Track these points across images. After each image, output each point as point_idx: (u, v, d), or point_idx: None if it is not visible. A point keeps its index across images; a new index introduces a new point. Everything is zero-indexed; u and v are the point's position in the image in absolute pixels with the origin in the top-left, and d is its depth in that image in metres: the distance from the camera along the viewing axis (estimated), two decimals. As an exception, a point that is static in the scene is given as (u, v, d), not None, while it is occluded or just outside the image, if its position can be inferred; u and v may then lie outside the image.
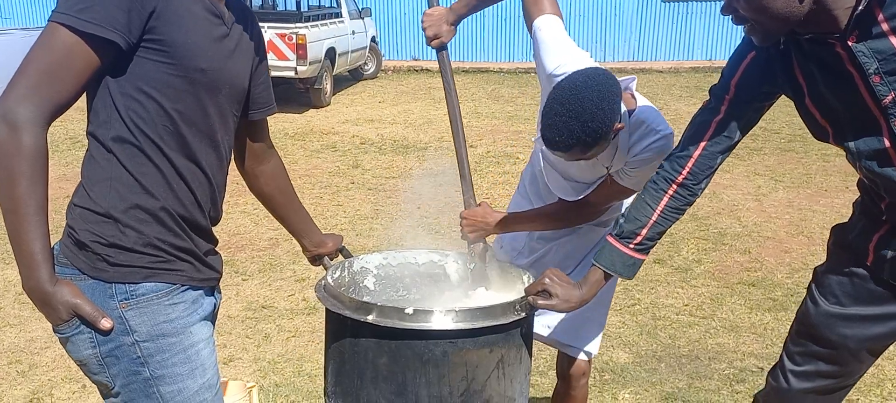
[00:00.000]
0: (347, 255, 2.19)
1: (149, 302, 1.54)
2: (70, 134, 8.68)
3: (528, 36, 2.26)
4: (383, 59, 14.45)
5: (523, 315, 1.86)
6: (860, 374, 1.92)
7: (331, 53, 10.70)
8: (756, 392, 2.10)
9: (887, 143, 1.61)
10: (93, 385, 3.01)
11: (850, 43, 1.56)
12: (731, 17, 1.59)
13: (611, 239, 1.87)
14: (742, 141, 1.85)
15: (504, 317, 1.83)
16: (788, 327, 2.01)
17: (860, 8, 1.52)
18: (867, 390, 3.29)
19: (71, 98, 1.42)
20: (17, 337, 3.77)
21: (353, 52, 11.97)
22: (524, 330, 1.93)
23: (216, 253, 1.71)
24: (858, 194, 1.86)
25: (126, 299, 1.52)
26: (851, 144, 1.66)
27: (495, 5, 14.16)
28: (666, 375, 3.42)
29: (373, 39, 13.36)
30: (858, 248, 1.81)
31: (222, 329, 3.82)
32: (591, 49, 14.48)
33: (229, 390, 2.53)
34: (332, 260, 2.15)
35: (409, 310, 1.77)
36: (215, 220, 1.70)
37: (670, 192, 1.82)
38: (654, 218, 1.83)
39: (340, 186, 6.54)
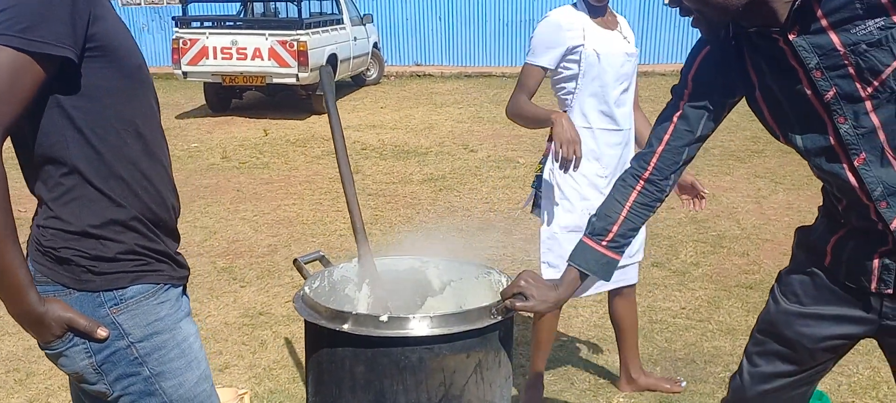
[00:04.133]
0: (327, 264, 2.20)
1: (138, 303, 1.55)
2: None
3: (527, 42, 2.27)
4: (386, 64, 14.48)
5: (500, 318, 1.86)
6: (819, 376, 1.91)
7: (332, 60, 10.74)
8: (721, 399, 2.09)
9: (832, 140, 1.62)
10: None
11: (791, 37, 1.58)
12: (678, 9, 1.63)
13: (585, 239, 1.88)
14: (744, 143, 1.88)
15: (480, 322, 1.84)
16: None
17: (797, 2, 1.54)
18: (863, 392, 3.27)
19: (19, 119, 1.39)
20: (15, 346, 3.79)
21: (354, 58, 12.00)
22: (502, 334, 1.93)
23: (180, 252, 1.72)
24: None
25: (116, 304, 1.54)
26: (798, 140, 1.68)
27: (495, 9, 14.00)
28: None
29: (375, 45, 13.39)
30: (818, 249, 1.81)
31: (218, 336, 3.84)
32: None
33: (221, 397, 2.53)
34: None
35: (384, 318, 1.77)
36: (178, 214, 1.71)
37: (638, 188, 1.85)
38: (623, 215, 1.85)
39: (341, 192, 6.51)
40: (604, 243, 1.85)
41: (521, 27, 15.36)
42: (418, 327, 1.79)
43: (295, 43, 9.76)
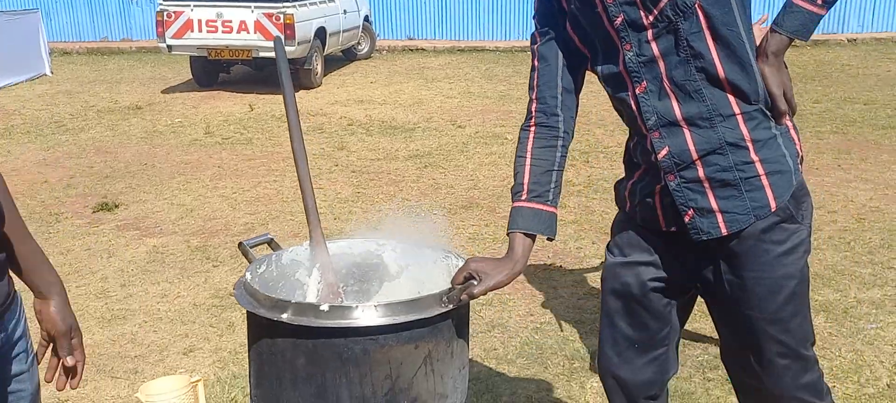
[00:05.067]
0: (276, 247, 2.09)
1: None
2: (55, 117, 8.60)
3: (524, 14, 2.29)
4: (377, 38, 14.28)
5: (451, 306, 1.76)
6: (662, 332, 1.92)
7: (321, 33, 10.56)
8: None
9: (621, 67, 1.72)
10: (67, 396, 2.93)
11: None
12: None
13: (513, 204, 1.87)
14: None
15: (429, 310, 1.73)
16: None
17: None
18: (845, 376, 3.18)
19: None
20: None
21: (345, 31, 11.82)
22: (456, 322, 1.82)
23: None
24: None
25: None
26: (599, 69, 1.78)
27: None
28: (637, 362, 3.32)
29: (366, 19, 13.19)
30: (620, 197, 1.92)
31: (186, 317, 3.74)
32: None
33: (171, 384, 2.44)
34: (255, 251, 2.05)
35: (325, 307, 1.67)
36: None
37: (531, 135, 1.87)
38: (527, 164, 1.85)
39: (323, 169, 6.43)
40: (524, 197, 1.84)
41: (515, 1, 15.14)
42: (362, 317, 1.68)
43: (281, 15, 9.59)
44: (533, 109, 1.86)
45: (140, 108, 9.10)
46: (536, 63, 1.85)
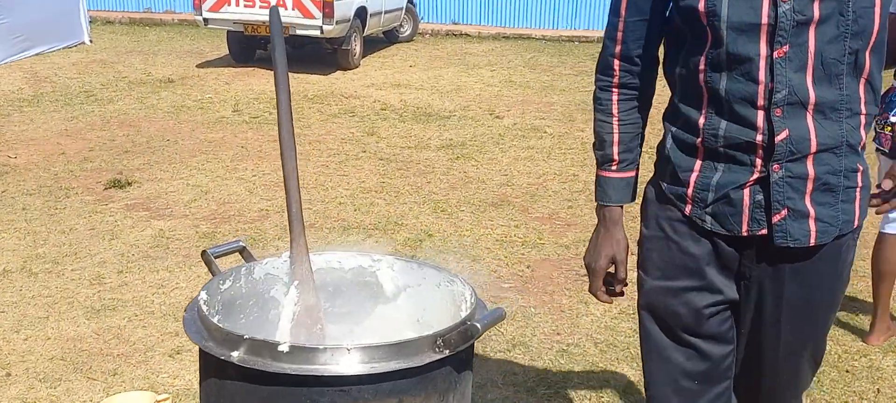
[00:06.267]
0: (249, 257, 1.75)
1: None
2: (86, 86, 8.43)
3: (572, 2, 2.00)
4: (421, 21, 13.91)
5: (447, 353, 1.40)
6: (727, 360, 1.70)
7: (361, 13, 10.23)
8: None
9: (765, 18, 1.44)
10: (35, 398, 2.66)
11: None
12: None
13: (599, 173, 1.73)
14: None
15: (419, 357, 1.38)
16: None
17: None
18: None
19: None
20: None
21: (386, 12, 11.46)
22: (455, 367, 1.47)
23: None
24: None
25: None
26: (723, 8, 1.45)
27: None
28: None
29: (410, 0, 12.83)
30: (676, 195, 1.63)
31: (179, 313, 3.43)
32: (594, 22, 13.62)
33: (133, 401, 2.13)
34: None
35: (284, 347, 1.32)
36: None
37: (616, 95, 1.68)
38: (616, 127, 1.68)
39: (350, 155, 6.11)
40: (615, 167, 1.70)
41: (564, -12, 14.63)
42: (331, 361, 1.33)
43: (320, -7, 9.28)
44: (615, 67, 1.65)
45: (172, 82, 8.88)
46: (624, 11, 1.61)
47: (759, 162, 1.50)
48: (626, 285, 1.76)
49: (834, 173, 1.52)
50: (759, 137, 1.49)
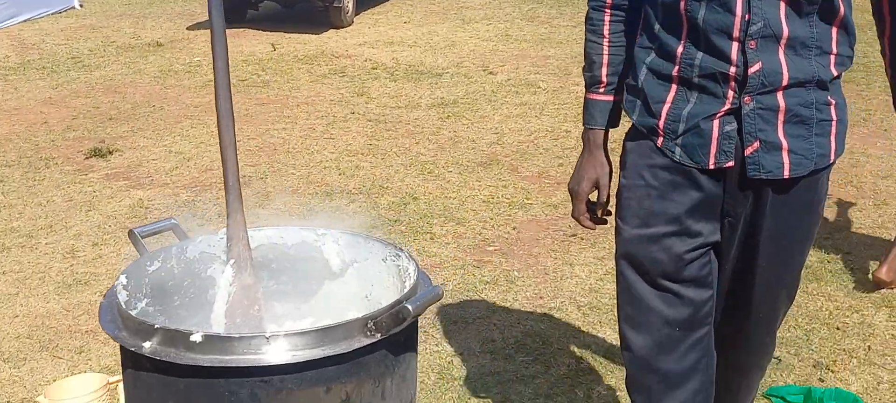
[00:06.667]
0: (182, 236, 1.66)
1: None
2: (73, 53, 8.29)
3: None
4: (417, -24, 13.62)
5: (378, 337, 1.31)
6: (706, 306, 1.72)
7: (353, -32, 10.01)
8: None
9: None
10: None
11: None
12: None
13: (588, 95, 1.77)
14: None
15: (347, 342, 1.29)
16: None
17: None
18: None
19: None
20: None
21: (380, -32, 11.22)
22: (392, 351, 1.38)
23: None
24: None
25: None
26: None
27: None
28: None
29: (404, -45, 12.54)
30: (649, 128, 1.68)
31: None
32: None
33: (82, 384, 2.06)
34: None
35: (197, 337, 1.23)
36: None
37: (607, 16, 1.71)
38: (605, 50, 1.72)
39: (338, 116, 5.98)
40: (602, 90, 1.74)
41: (563, -63, 14.26)
42: (249, 351, 1.24)
43: (309, -51, 9.06)
44: None
45: (161, 45, 8.73)
46: None
47: (731, 93, 1.54)
48: (609, 213, 1.78)
49: (805, 105, 1.56)
50: (732, 69, 1.53)
